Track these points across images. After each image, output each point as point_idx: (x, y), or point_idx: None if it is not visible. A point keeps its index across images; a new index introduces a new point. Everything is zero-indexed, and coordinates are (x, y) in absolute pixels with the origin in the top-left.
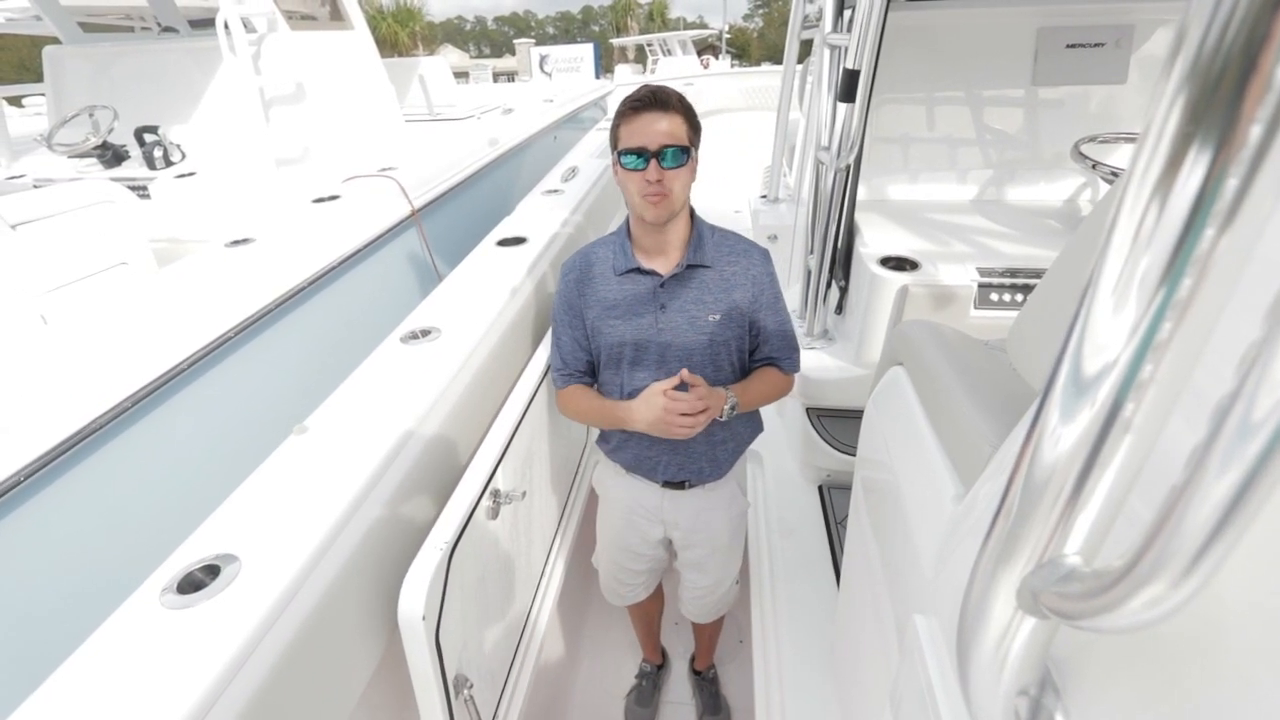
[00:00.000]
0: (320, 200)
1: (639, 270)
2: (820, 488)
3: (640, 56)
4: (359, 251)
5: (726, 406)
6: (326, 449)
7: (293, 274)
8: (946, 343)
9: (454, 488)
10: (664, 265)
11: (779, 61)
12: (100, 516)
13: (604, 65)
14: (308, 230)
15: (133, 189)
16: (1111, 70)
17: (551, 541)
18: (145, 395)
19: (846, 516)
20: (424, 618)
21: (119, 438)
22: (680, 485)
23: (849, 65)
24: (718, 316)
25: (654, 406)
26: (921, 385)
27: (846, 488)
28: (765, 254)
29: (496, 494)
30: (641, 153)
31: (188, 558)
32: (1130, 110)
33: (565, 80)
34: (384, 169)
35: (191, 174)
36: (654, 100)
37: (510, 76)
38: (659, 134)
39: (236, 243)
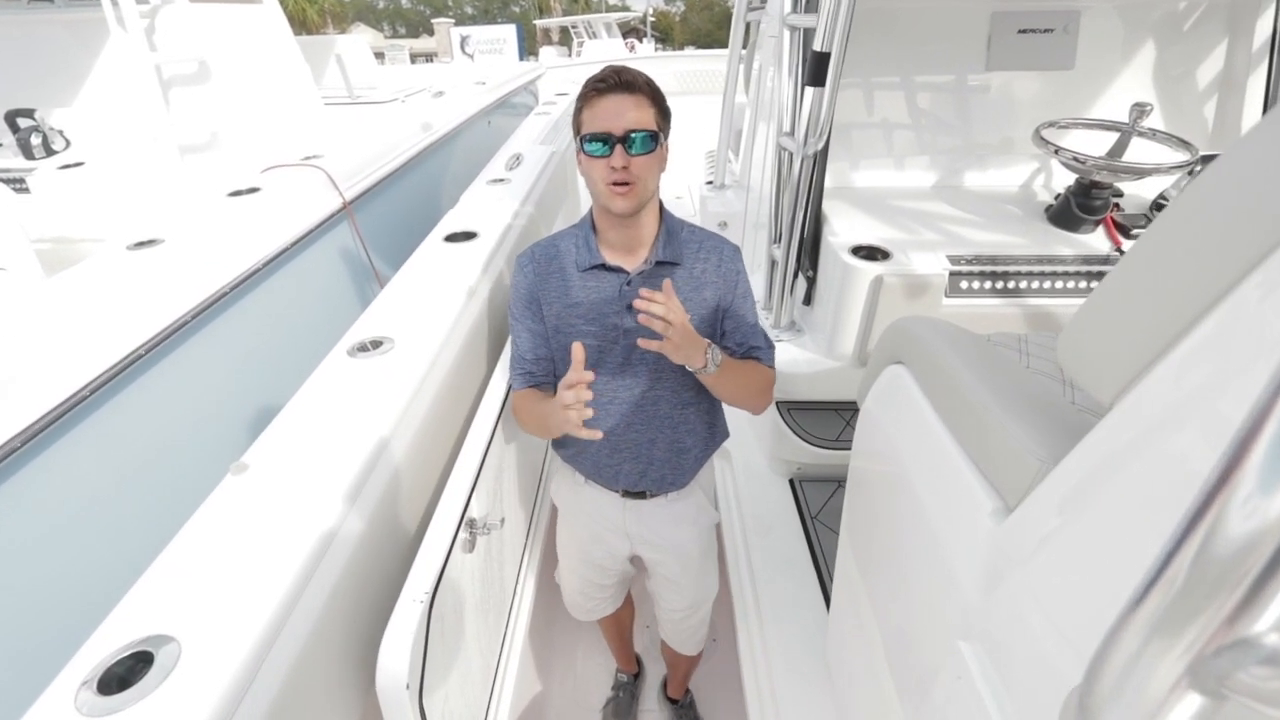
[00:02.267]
0: (237, 193)
1: (604, 267)
2: (791, 481)
3: (565, 39)
4: (286, 250)
5: (708, 355)
6: (273, 490)
7: (211, 278)
8: (955, 341)
9: (425, 521)
10: (631, 262)
11: (703, 46)
12: None
13: (527, 48)
14: (225, 228)
15: (7, 182)
16: (1060, 56)
17: (521, 560)
18: (39, 430)
19: (821, 511)
20: (408, 686)
21: (7, 483)
22: (641, 494)
23: (818, 47)
24: (688, 317)
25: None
26: (933, 386)
27: (818, 480)
28: (736, 250)
29: (472, 524)
30: (606, 139)
31: (108, 644)
32: (1079, 96)
33: (488, 62)
34: (307, 157)
35: (79, 164)
36: (619, 82)
37: (429, 58)
38: (625, 119)
39: (141, 244)
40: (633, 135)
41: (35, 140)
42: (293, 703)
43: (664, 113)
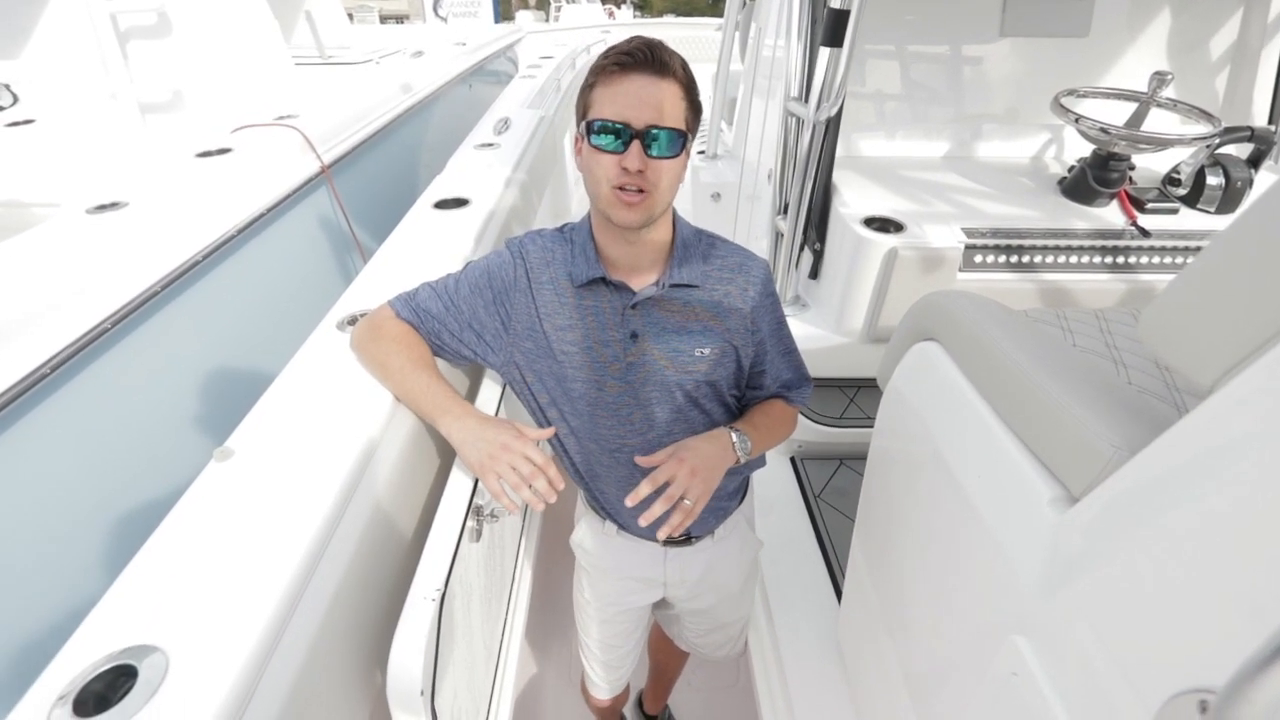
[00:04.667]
0: (207, 154)
1: (605, 281)
2: (792, 459)
3: (542, 3)
4: (262, 216)
5: (736, 450)
6: (263, 478)
7: (181, 245)
8: (996, 318)
9: (430, 509)
10: (638, 281)
11: (682, 14)
12: None
13: (502, 11)
14: (194, 191)
15: None
16: (1075, 22)
17: (520, 541)
18: None
19: (824, 489)
20: (422, 692)
21: None
22: (685, 540)
23: (836, 4)
24: (707, 351)
25: (496, 437)
26: (974, 365)
27: (819, 459)
28: (764, 267)
29: (479, 511)
30: (622, 130)
31: (84, 658)
32: (1091, 65)
33: (462, 25)
34: (281, 117)
35: (29, 121)
36: (650, 59)
37: (399, 20)
38: (650, 107)
39: (103, 207)
40: (656, 132)
41: None
42: (298, 715)
43: (695, 109)
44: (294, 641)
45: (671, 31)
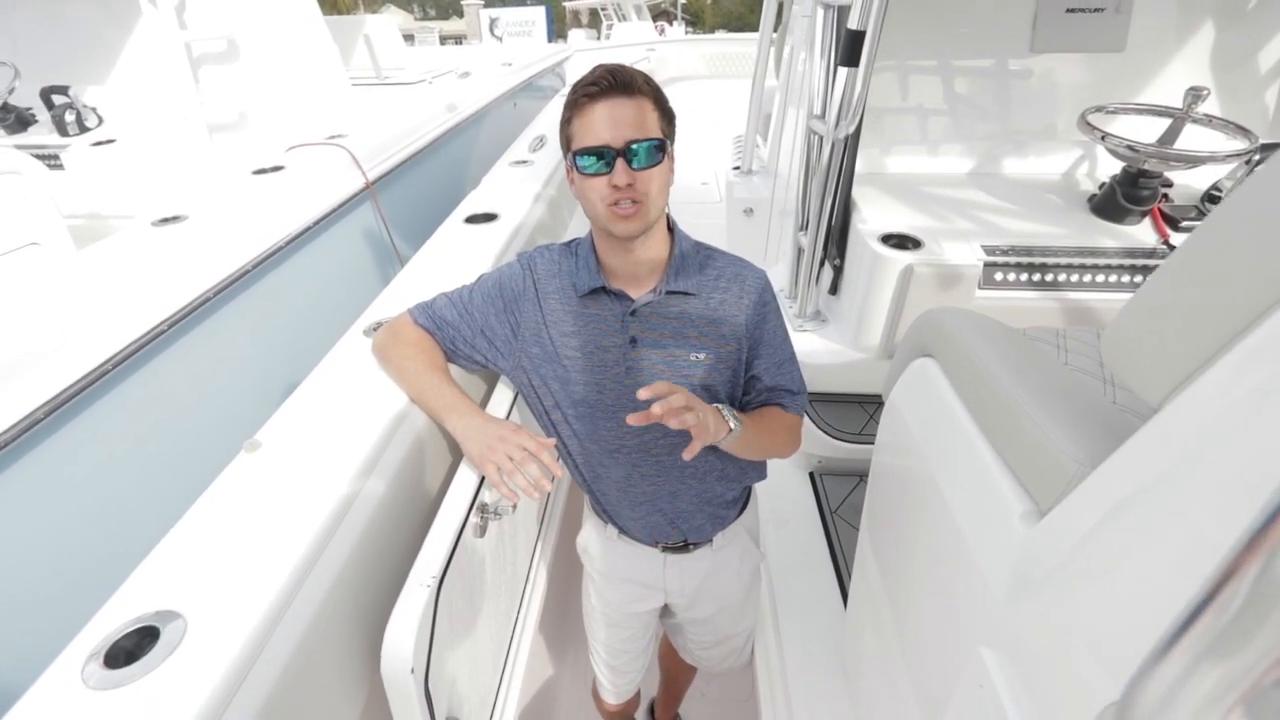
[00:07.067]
0: (262, 171)
1: (606, 291)
2: (811, 474)
3: (594, 21)
4: (308, 230)
5: (730, 423)
6: (285, 468)
7: (232, 256)
8: (987, 334)
9: (437, 503)
10: (636, 290)
11: (734, 29)
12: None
13: (556, 30)
14: (248, 205)
15: (42, 158)
16: (1110, 38)
17: (535, 545)
18: (63, 402)
19: (841, 506)
20: (413, 670)
21: (31, 454)
22: (683, 547)
23: (853, 26)
24: (702, 356)
25: (495, 430)
26: (963, 382)
27: (838, 474)
28: (762, 277)
29: (484, 508)
30: (603, 152)
31: (116, 619)
32: (1129, 80)
33: (517, 44)
34: (332, 136)
35: (110, 141)
36: (613, 83)
37: (458, 40)
38: (624, 126)
39: (166, 220)
40: (635, 146)
41: (69, 117)
42: (297, 681)
43: (668, 116)
44: (299, 615)
45: (723, 48)
